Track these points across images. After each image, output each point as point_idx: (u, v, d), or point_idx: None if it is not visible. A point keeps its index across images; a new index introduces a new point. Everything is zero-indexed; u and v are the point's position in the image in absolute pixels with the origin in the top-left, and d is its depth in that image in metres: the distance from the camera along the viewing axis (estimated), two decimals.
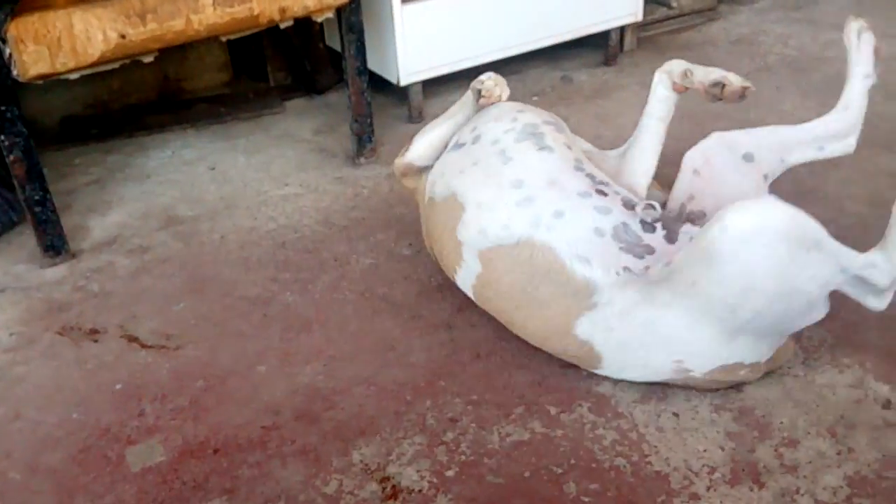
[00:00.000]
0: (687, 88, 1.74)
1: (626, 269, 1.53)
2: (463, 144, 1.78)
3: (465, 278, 1.70)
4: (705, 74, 1.68)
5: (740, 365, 1.54)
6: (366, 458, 1.50)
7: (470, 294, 1.72)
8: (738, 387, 1.60)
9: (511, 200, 1.61)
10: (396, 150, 2.54)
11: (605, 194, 1.62)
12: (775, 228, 1.37)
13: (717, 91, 1.65)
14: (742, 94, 1.63)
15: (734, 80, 1.64)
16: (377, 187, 2.37)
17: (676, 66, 1.75)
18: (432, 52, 2.63)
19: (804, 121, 2.52)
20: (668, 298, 1.46)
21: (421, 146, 1.89)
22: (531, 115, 1.77)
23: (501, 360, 1.71)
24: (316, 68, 2.95)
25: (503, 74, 2.95)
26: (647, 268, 1.53)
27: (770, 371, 1.61)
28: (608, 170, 1.78)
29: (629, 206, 1.62)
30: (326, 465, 1.49)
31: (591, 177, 1.65)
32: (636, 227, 1.59)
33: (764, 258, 1.37)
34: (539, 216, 1.58)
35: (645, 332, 1.51)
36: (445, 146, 1.85)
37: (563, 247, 1.56)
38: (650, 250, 1.56)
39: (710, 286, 1.41)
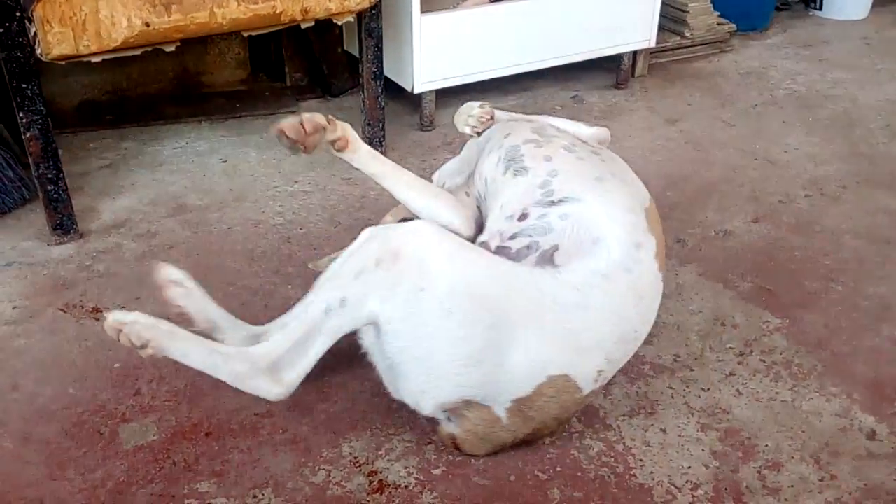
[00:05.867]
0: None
1: None
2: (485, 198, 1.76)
3: None
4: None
5: None
6: (355, 452, 1.53)
7: None
8: (725, 408, 1.63)
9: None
10: (406, 155, 2.59)
11: (527, 217, 1.56)
12: None
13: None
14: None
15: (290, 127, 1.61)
16: (385, 191, 2.39)
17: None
18: (447, 62, 2.67)
19: (809, 155, 2.58)
20: None
21: None
22: (514, 137, 1.73)
23: None
24: (332, 71, 3.00)
25: (514, 91, 3.04)
26: None
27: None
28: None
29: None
30: (316, 456, 1.51)
31: (547, 193, 1.57)
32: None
33: None
34: None
35: None
36: None
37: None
38: None
39: None
